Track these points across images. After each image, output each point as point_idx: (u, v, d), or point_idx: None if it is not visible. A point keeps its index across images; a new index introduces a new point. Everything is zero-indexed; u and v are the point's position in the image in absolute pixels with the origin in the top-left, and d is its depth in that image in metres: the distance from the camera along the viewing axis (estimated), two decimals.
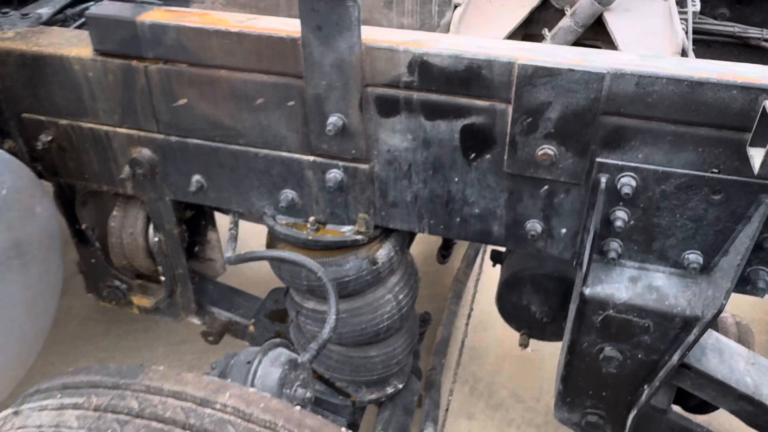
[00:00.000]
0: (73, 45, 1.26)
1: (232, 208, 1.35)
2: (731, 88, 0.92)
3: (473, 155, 1.11)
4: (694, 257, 1.08)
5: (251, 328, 1.58)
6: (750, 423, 1.32)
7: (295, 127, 1.18)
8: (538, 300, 1.48)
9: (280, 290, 1.65)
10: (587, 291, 1.12)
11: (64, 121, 1.32)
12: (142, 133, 1.29)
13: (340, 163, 1.19)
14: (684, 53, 1.25)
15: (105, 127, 1.30)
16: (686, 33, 1.30)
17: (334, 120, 1.11)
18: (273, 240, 1.35)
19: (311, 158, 1.20)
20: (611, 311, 1.12)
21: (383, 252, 1.29)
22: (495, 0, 1.16)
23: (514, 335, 1.59)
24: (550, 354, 2.06)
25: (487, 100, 1.04)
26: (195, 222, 1.54)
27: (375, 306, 1.33)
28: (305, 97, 1.12)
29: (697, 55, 1.46)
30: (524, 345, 1.56)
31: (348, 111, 1.10)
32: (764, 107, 0.88)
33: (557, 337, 1.53)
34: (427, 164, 1.15)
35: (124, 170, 1.33)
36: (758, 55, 1.84)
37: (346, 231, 1.27)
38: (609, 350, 1.18)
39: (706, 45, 1.83)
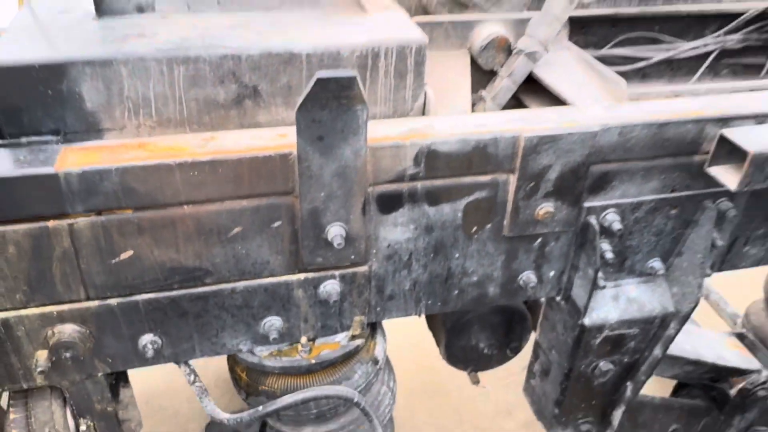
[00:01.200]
0: None
1: (194, 357, 1.11)
2: (687, 123, 1.09)
3: (475, 228, 1.10)
4: (657, 264, 1.25)
5: None
6: (685, 380, 1.58)
7: (280, 248, 1.02)
8: (486, 336, 1.53)
9: (214, 425, 1.41)
10: (587, 321, 1.22)
11: None
12: (63, 307, 0.98)
13: (337, 273, 1.07)
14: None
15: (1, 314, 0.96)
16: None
17: (336, 230, 0.99)
18: (254, 376, 1.15)
19: (302, 276, 1.06)
20: (607, 332, 1.24)
21: (380, 348, 1.21)
22: (432, 73, 1.16)
23: (413, 374, 1.62)
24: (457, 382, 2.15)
25: (490, 174, 1.05)
26: None
27: (378, 403, 1.24)
28: (297, 213, 0.98)
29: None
30: (476, 382, 1.61)
31: (350, 218, 1.00)
32: (722, 134, 1.07)
33: (500, 362, 1.62)
34: (428, 249, 1.10)
35: (38, 361, 1.00)
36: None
37: (340, 339, 1.16)
38: (603, 364, 1.30)
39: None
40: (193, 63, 0.94)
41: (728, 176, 1.06)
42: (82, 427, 1.12)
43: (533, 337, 1.47)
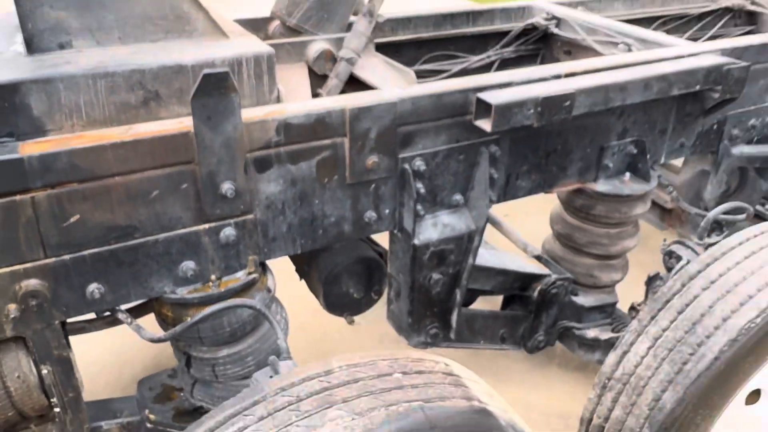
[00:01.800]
0: None
1: (129, 301, 1.47)
2: (456, 92, 1.63)
3: (327, 180, 1.56)
4: (458, 197, 1.77)
5: (151, 416, 1.64)
6: (500, 291, 2.11)
7: (188, 205, 1.42)
8: (354, 284, 1.98)
9: (148, 378, 1.74)
10: (417, 242, 1.71)
11: None
12: (27, 265, 1.31)
13: (231, 221, 1.48)
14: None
15: None
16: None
17: (227, 186, 1.42)
18: (178, 311, 1.52)
19: (206, 226, 1.46)
20: (432, 248, 1.74)
21: (270, 281, 1.62)
22: (281, 80, 1.62)
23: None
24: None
25: (330, 138, 1.52)
26: None
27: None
28: (197, 176, 1.39)
29: None
30: (351, 322, 2.05)
31: (236, 176, 1.43)
32: (477, 97, 1.62)
33: (369, 305, 2.06)
34: (295, 198, 1.55)
35: (9, 312, 1.32)
36: None
37: (240, 275, 1.56)
38: (435, 275, 1.79)
39: None
40: (110, 77, 1.34)
41: (485, 124, 1.61)
42: (44, 371, 1.42)
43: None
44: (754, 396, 1.56)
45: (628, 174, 2.03)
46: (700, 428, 1.47)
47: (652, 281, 1.92)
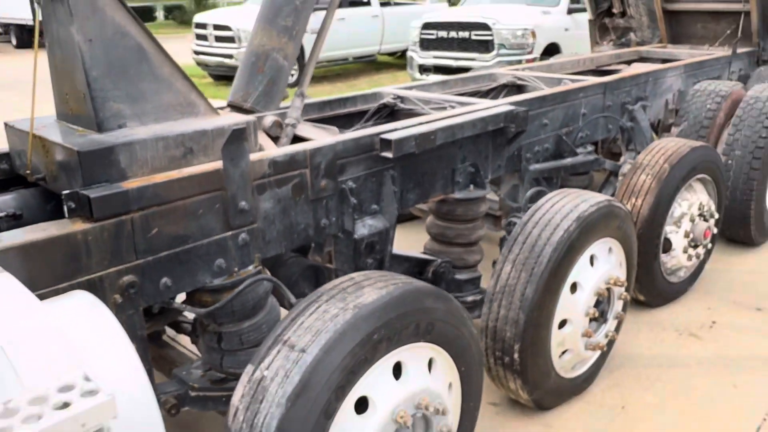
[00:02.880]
0: (69, 224, 1.84)
1: (185, 290, 2.12)
2: (367, 137, 2.56)
3: (298, 198, 2.38)
4: (375, 206, 2.65)
5: (194, 385, 2.23)
6: (407, 273, 2.99)
7: (220, 218, 2.15)
8: (308, 285, 2.74)
9: (178, 369, 2.33)
10: (356, 236, 2.55)
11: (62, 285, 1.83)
12: (128, 265, 1.95)
13: (245, 228, 2.23)
14: None
15: (98, 274, 1.89)
16: None
17: (243, 203, 2.18)
18: (216, 295, 2.19)
19: (230, 233, 2.19)
20: (366, 241, 2.58)
21: (268, 273, 2.35)
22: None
23: None
24: None
25: (299, 169, 2.35)
26: None
27: (276, 305, 2.37)
28: (225, 198, 2.14)
29: None
30: None
31: (247, 197, 2.20)
32: (381, 137, 2.56)
33: None
34: (280, 212, 2.33)
35: (115, 300, 1.93)
36: None
37: (251, 268, 2.28)
38: (369, 260, 2.62)
39: None
40: (165, 140, 2.08)
41: (388, 154, 2.55)
42: None
43: None
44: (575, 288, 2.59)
45: (471, 185, 3.07)
46: (547, 304, 2.45)
47: (502, 240, 2.94)
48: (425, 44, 9.78)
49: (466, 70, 7.07)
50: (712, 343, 3.27)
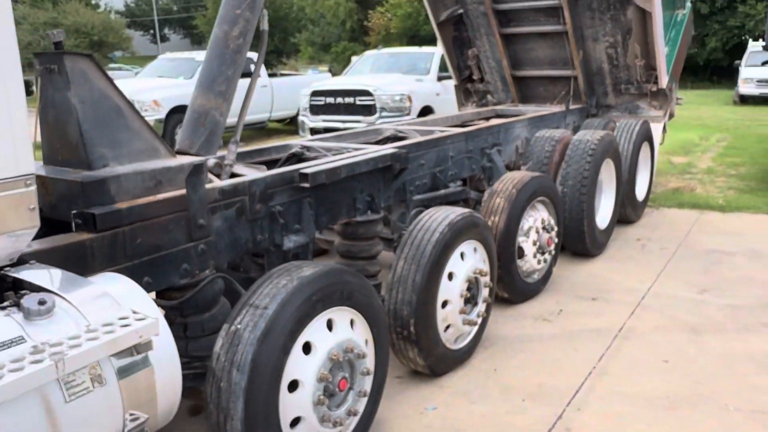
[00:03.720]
0: (77, 235, 2.46)
1: (163, 287, 2.76)
2: (288, 172, 3.35)
3: (240, 218, 3.10)
4: (297, 226, 3.42)
5: None
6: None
7: (184, 232, 2.83)
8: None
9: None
10: (285, 248, 3.29)
11: None
12: (120, 266, 2.58)
13: (203, 240, 2.91)
14: None
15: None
16: None
17: (201, 221, 2.88)
18: (182, 292, 2.84)
19: (192, 243, 2.87)
20: (292, 252, 3.33)
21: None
22: None
23: None
24: None
25: (240, 196, 3.08)
26: None
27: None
28: (189, 217, 2.84)
29: None
30: None
31: (204, 216, 2.90)
32: (300, 172, 3.35)
33: None
34: (227, 229, 3.04)
35: None
36: None
37: (207, 272, 2.95)
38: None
39: None
40: (140, 174, 2.76)
41: (305, 184, 3.35)
42: None
43: None
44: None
45: (369, 211, 3.91)
46: (432, 288, 3.30)
47: (398, 241, 3.79)
48: (315, 109, 10.78)
49: None
50: (560, 324, 4.25)
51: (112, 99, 2.82)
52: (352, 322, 2.75)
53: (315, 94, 10.84)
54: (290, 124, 15.29)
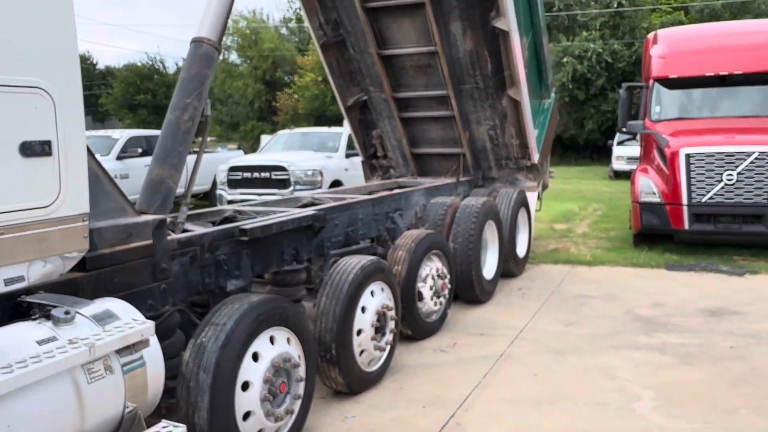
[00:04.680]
0: (71, 274, 3.13)
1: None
2: (230, 228, 4.12)
3: (193, 264, 3.82)
4: (238, 272, 4.17)
5: None
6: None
7: (150, 274, 3.53)
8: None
9: None
10: (227, 290, 4.02)
11: None
12: None
13: (165, 281, 3.62)
14: None
15: None
16: None
17: (164, 265, 3.60)
18: None
19: (156, 283, 3.56)
20: (233, 292, 4.06)
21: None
22: None
23: None
24: None
25: (194, 246, 3.82)
26: None
27: None
28: (155, 262, 3.55)
29: None
30: None
31: (168, 263, 3.62)
32: (239, 228, 4.14)
33: None
34: (184, 273, 3.75)
35: None
36: None
37: (167, 307, 3.64)
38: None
39: None
40: (115, 227, 3.48)
41: (244, 237, 4.13)
42: None
43: None
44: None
45: (294, 262, 4.72)
46: (349, 319, 4.12)
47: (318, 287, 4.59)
48: (233, 183, 11.54)
49: None
50: (454, 353, 5.14)
51: (92, 167, 3.54)
52: (288, 339, 3.52)
53: (233, 169, 11.62)
54: (203, 199, 15.85)
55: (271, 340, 3.39)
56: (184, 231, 4.10)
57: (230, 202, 11.25)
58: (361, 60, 8.00)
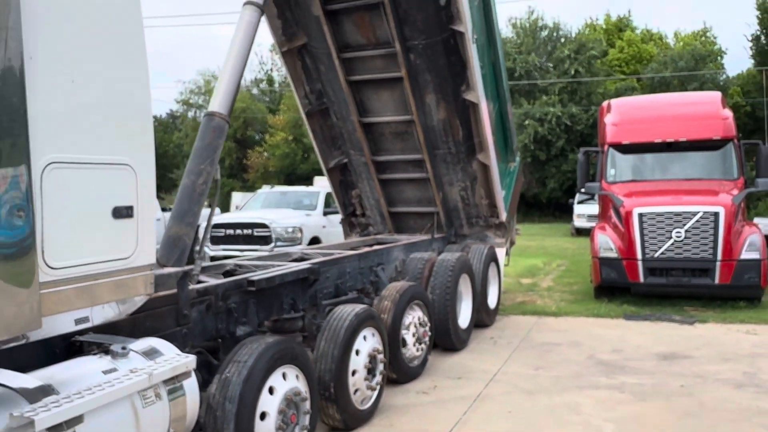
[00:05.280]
0: None
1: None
2: (240, 279, 4.64)
3: (207, 311, 4.31)
4: (245, 326, 4.65)
5: None
6: None
7: (174, 319, 4.01)
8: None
9: None
10: (236, 335, 4.50)
11: None
12: None
13: (185, 326, 4.10)
14: None
15: None
16: None
17: (185, 312, 4.09)
18: None
19: (178, 328, 4.04)
20: (242, 337, 4.54)
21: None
22: None
23: None
24: None
25: (208, 296, 4.32)
26: None
27: None
28: (177, 309, 4.04)
29: None
30: None
31: (187, 309, 4.11)
32: (247, 279, 4.65)
33: None
34: (201, 320, 4.23)
35: None
36: None
37: (188, 349, 4.11)
38: None
39: None
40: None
41: (252, 288, 4.64)
42: None
43: None
44: None
45: (292, 311, 5.22)
46: (345, 360, 4.62)
47: (314, 333, 5.09)
48: (215, 240, 11.99)
49: None
50: (435, 395, 5.65)
51: None
52: (297, 376, 4.01)
53: (216, 226, 12.08)
54: None
55: (284, 376, 3.88)
56: (199, 282, 4.60)
57: (213, 258, 11.67)
58: (343, 126, 8.72)
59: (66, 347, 3.24)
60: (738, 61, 57.51)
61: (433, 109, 8.09)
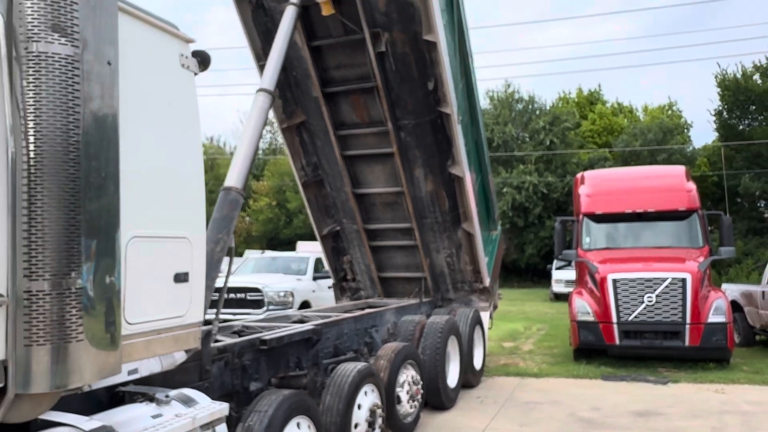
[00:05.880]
0: None
1: None
2: (252, 339, 5.09)
3: (227, 367, 4.75)
4: (257, 383, 5.08)
5: None
6: None
7: (198, 373, 4.45)
8: None
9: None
10: (249, 389, 4.92)
11: None
12: None
13: (207, 380, 4.52)
14: None
15: None
16: None
17: (208, 367, 4.52)
18: None
19: (201, 381, 4.47)
20: (254, 393, 4.96)
21: None
22: None
23: None
24: None
25: (226, 353, 4.76)
26: None
27: None
28: (201, 365, 4.48)
29: None
30: None
31: (209, 365, 4.55)
32: (260, 338, 5.11)
33: None
34: (220, 375, 4.66)
35: None
36: None
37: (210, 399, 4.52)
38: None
39: None
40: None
41: (263, 347, 5.09)
42: None
43: None
44: None
45: (297, 368, 5.65)
46: (348, 414, 5.05)
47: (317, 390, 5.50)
48: (209, 304, 12.33)
49: None
50: None
51: None
52: (309, 426, 4.44)
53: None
54: None
55: (298, 425, 4.31)
56: (216, 341, 5.05)
57: (207, 322, 11.99)
58: (337, 197, 9.34)
59: (110, 397, 3.67)
60: (704, 133, 60.22)
61: (422, 181, 8.75)
